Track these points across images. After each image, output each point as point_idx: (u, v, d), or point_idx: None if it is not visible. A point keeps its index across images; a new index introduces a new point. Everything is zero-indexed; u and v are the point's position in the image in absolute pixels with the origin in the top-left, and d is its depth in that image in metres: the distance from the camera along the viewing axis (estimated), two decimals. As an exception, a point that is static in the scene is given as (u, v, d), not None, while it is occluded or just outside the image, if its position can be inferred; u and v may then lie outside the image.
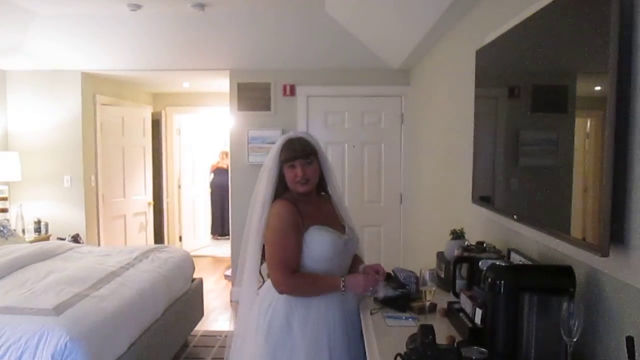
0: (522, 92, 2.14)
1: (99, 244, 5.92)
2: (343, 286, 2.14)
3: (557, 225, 1.71)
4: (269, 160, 2.26)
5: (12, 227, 5.11)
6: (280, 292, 2.17)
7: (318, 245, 2.18)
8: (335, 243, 2.21)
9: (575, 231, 1.60)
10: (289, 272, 2.16)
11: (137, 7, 4.42)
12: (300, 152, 2.20)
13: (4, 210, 5.37)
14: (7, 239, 4.68)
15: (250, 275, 2.29)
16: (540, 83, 1.97)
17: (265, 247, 2.23)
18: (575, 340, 1.39)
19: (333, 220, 2.31)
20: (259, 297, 2.28)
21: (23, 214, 5.44)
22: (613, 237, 1.39)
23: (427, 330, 1.52)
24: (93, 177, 5.92)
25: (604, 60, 1.38)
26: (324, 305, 2.18)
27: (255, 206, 2.27)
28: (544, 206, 1.85)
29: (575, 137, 1.63)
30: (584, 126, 1.62)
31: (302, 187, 2.21)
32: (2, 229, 4.76)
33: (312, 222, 2.21)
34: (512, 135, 2.23)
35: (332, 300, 2.19)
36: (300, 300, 2.18)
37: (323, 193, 2.38)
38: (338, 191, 2.40)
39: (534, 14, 1.91)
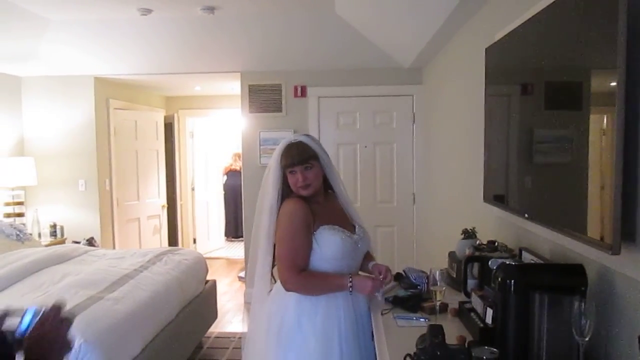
0: (535, 89, 2.11)
1: (113, 247, 5.97)
2: (350, 286, 2.14)
3: (569, 223, 1.69)
4: (271, 165, 2.29)
5: (28, 231, 5.17)
6: (288, 290, 2.19)
7: (329, 245, 2.19)
8: (346, 243, 2.21)
9: (587, 229, 1.57)
10: (297, 271, 2.17)
11: (148, 11, 4.45)
12: (297, 159, 2.21)
13: (20, 215, 5.43)
14: (23, 242, 4.74)
15: (262, 277, 2.31)
16: (553, 80, 1.95)
17: (276, 244, 2.25)
18: (587, 339, 1.38)
19: (343, 219, 2.32)
20: (270, 298, 2.30)
21: (39, 218, 5.51)
22: (624, 235, 1.37)
23: (436, 331, 1.51)
24: (107, 181, 5.97)
25: (614, 56, 1.36)
26: (333, 304, 2.18)
27: (262, 209, 2.30)
28: (556, 204, 1.83)
29: (590, 135, 1.61)
30: (600, 123, 1.60)
31: (304, 191, 2.22)
32: (18, 233, 4.82)
33: (323, 222, 2.22)
34: (525, 133, 2.21)
35: (341, 300, 2.19)
36: (308, 300, 2.19)
37: (330, 191, 2.38)
38: (343, 191, 2.40)
39: (543, 10, 1.89)
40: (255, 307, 2.37)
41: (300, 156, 2.22)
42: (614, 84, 1.44)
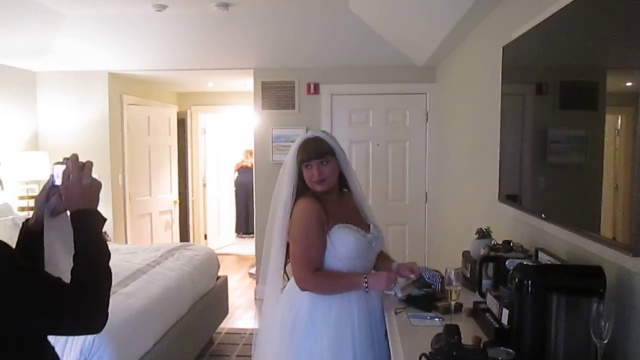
0: (550, 89, 2.09)
1: (126, 242, 6.00)
2: (366, 284, 2.13)
3: (587, 224, 1.67)
4: (288, 160, 2.28)
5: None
6: (303, 289, 2.18)
7: (342, 244, 2.18)
8: (360, 242, 2.20)
9: (605, 230, 1.56)
10: (312, 270, 2.16)
11: (163, 7, 4.45)
12: (314, 153, 2.21)
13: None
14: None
15: (274, 274, 2.31)
16: (569, 79, 1.93)
17: (290, 244, 2.24)
18: (605, 342, 1.36)
19: (357, 218, 2.31)
20: (283, 296, 2.30)
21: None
22: (645, 237, 1.35)
23: (452, 331, 1.50)
24: (120, 176, 6.00)
25: (637, 55, 1.34)
26: (346, 303, 2.17)
27: (277, 206, 2.29)
28: (573, 205, 1.81)
29: (605, 134, 1.59)
30: (615, 123, 1.58)
31: (319, 186, 2.21)
32: (32, 226, 4.85)
33: (337, 221, 2.21)
34: (539, 132, 2.19)
35: (355, 298, 2.18)
36: (322, 298, 2.18)
37: (345, 190, 2.37)
38: (359, 189, 2.39)
39: (562, 9, 1.86)
40: (268, 305, 2.36)
41: (317, 151, 2.21)
42: (630, 84, 1.42)
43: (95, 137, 5.75)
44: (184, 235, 7.60)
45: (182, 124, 7.60)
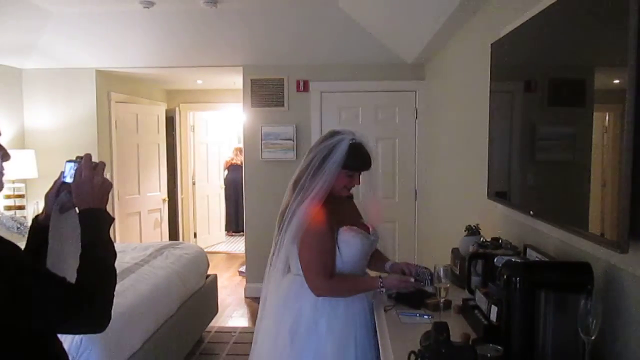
0: (539, 86, 2.10)
1: (114, 241, 5.94)
2: (381, 284, 2.12)
3: (575, 221, 1.68)
4: (324, 161, 2.14)
5: (29, 224, 5.15)
6: (318, 296, 2.13)
7: (349, 247, 2.17)
8: (365, 245, 2.21)
9: (593, 227, 1.56)
10: (328, 276, 2.12)
11: (150, 4, 4.42)
12: (369, 165, 2.21)
13: (21, 208, 5.42)
14: (24, 236, 4.72)
15: (278, 273, 2.24)
16: (557, 76, 1.94)
17: (301, 249, 2.15)
18: (593, 338, 1.36)
19: (357, 219, 2.30)
20: (284, 295, 2.23)
21: (39, 211, 5.47)
22: (632, 233, 1.36)
23: (441, 328, 1.50)
24: (108, 174, 5.92)
25: (623, 52, 1.34)
26: (350, 304, 2.17)
27: (297, 205, 2.14)
28: (561, 202, 1.82)
29: (593, 132, 1.60)
30: (602, 120, 1.59)
31: (348, 193, 2.22)
32: (19, 226, 4.81)
33: (341, 224, 2.19)
34: (528, 129, 2.20)
35: (358, 301, 2.19)
36: (327, 301, 2.15)
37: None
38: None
39: (550, 6, 1.87)
40: (267, 303, 2.28)
41: (370, 162, 2.21)
42: (617, 81, 1.43)
43: (83, 135, 5.69)
44: (173, 234, 7.56)
45: (170, 121, 7.55)
